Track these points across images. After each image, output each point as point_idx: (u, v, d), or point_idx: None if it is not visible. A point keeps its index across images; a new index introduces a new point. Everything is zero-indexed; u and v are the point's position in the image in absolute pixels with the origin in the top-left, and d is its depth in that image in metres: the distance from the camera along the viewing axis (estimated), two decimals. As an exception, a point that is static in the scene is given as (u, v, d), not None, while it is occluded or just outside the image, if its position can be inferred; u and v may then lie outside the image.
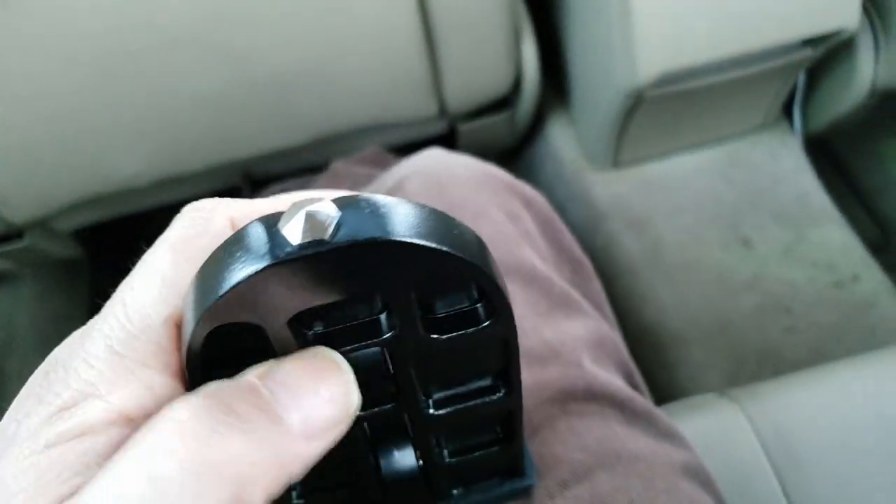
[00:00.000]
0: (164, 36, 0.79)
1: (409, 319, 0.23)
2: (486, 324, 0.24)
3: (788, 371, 0.69)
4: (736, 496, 0.58)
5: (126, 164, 0.90)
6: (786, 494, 0.58)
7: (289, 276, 0.20)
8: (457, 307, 0.24)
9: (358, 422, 0.28)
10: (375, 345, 0.24)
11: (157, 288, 0.22)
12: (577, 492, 0.39)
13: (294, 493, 0.32)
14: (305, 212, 0.19)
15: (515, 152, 1.30)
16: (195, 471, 0.18)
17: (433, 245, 0.20)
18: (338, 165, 0.90)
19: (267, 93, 0.88)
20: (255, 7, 0.80)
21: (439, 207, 0.23)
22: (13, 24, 0.74)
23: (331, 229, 0.19)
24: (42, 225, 0.99)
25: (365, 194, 0.21)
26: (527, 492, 0.38)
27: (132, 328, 0.21)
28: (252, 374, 0.21)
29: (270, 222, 0.20)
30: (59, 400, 0.20)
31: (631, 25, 0.86)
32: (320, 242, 0.19)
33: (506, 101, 1.12)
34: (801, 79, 1.13)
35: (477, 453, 0.33)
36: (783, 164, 1.16)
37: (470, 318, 0.24)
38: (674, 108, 1.05)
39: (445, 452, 0.33)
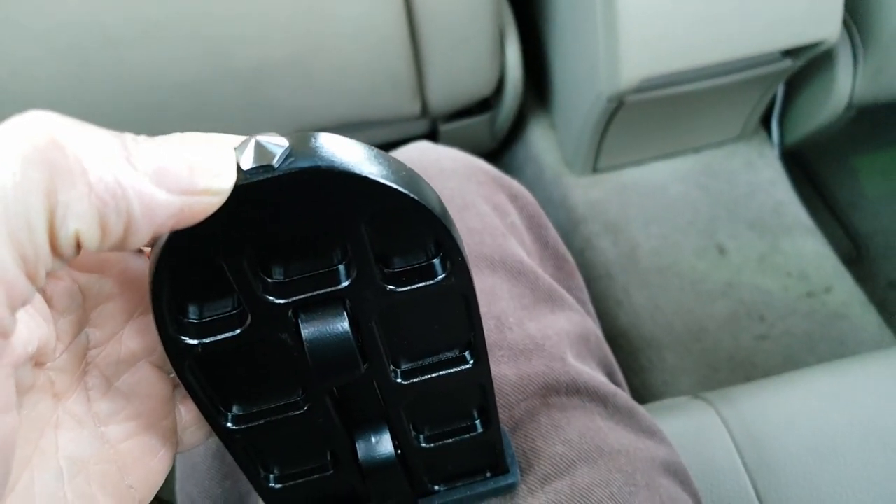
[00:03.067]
0: (144, 24, 0.78)
1: (365, 264, 0.23)
2: (442, 277, 0.25)
3: (760, 378, 0.70)
4: (709, 495, 0.58)
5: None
6: (758, 495, 0.58)
7: (238, 202, 0.20)
8: (414, 264, 0.25)
9: (327, 396, 0.28)
10: (334, 295, 0.24)
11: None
12: (558, 485, 0.39)
13: (271, 477, 0.32)
14: (255, 140, 0.20)
15: (496, 155, 1.30)
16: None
17: (377, 178, 0.21)
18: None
19: (248, 85, 0.87)
20: (240, -3, 0.80)
21: None
22: (-7, 5, 0.73)
23: (278, 157, 0.20)
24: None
25: (322, 133, 0.21)
26: (510, 489, 0.38)
27: None
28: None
29: None
30: None
31: (616, 30, 0.86)
32: (268, 168, 0.20)
33: (488, 104, 1.12)
34: (780, 91, 1.15)
35: (454, 439, 0.33)
36: (760, 174, 1.17)
37: (426, 272, 0.25)
38: (654, 115, 1.06)
39: (422, 437, 0.33)
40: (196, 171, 0.19)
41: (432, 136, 1.12)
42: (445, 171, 0.54)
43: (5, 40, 0.76)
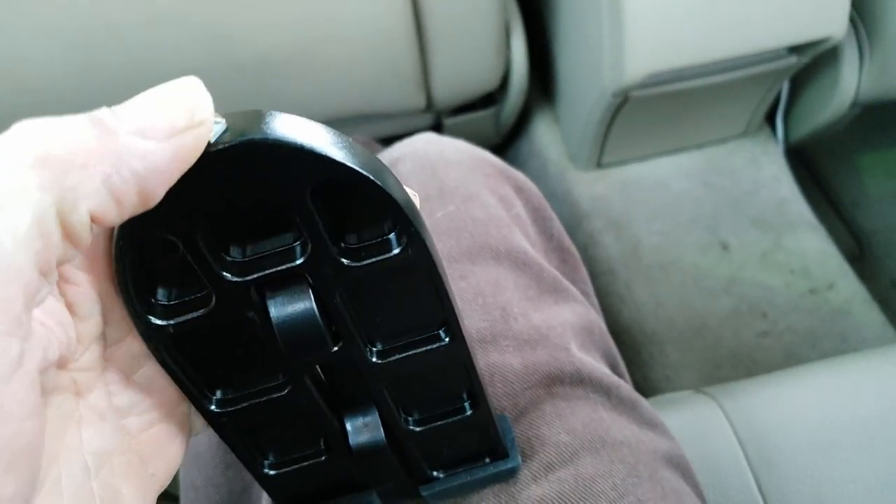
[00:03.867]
0: (148, 12, 0.78)
1: (318, 239, 0.24)
2: (398, 250, 0.25)
3: (762, 374, 0.70)
4: (711, 489, 0.58)
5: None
6: (760, 489, 0.58)
7: (181, 180, 0.20)
8: (371, 239, 0.25)
9: (307, 377, 0.29)
10: (294, 271, 0.25)
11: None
12: (562, 475, 0.39)
13: (266, 464, 0.32)
14: None
15: (500, 149, 1.30)
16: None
17: (313, 148, 0.21)
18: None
19: (253, 77, 0.87)
20: (246, -12, 0.80)
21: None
22: (-3, -6, 0.73)
23: (214, 134, 0.20)
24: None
25: (266, 110, 0.22)
26: (511, 473, 0.38)
27: None
28: None
29: None
30: None
31: (621, 25, 0.86)
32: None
33: (492, 98, 1.12)
34: (785, 88, 1.15)
35: (443, 421, 0.33)
36: (763, 170, 1.17)
37: (383, 247, 0.25)
38: (658, 110, 1.06)
39: (411, 420, 0.33)
40: (172, 113, 0.20)
41: (437, 129, 1.12)
42: (451, 162, 0.54)
43: (10, 33, 0.76)
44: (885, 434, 0.60)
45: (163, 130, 0.20)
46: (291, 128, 0.21)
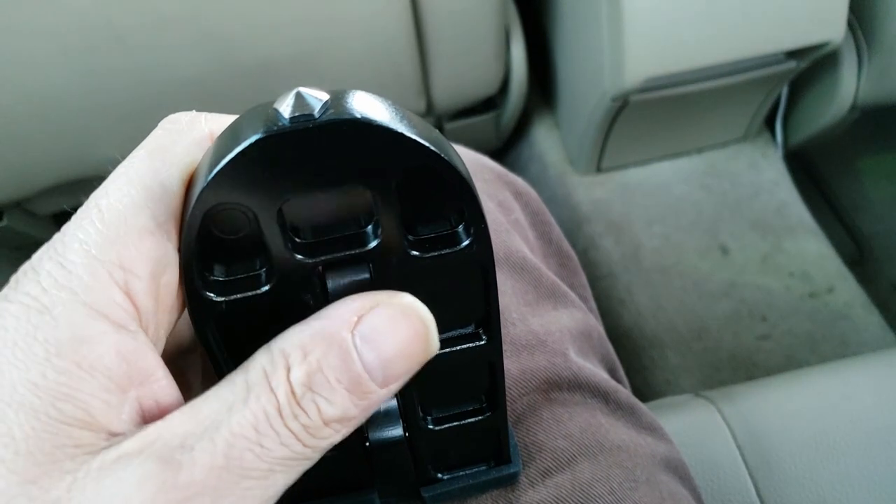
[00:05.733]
0: (151, 17, 0.79)
1: (393, 227, 0.24)
2: (466, 244, 0.25)
3: (761, 378, 0.70)
4: (710, 493, 0.59)
5: (107, 147, 0.89)
6: (758, 493, 0.58)
7: (278, 150, 0.21)
8: (439, 231, 0.26)
9: None
10: (360, 257, 0.25)
11: (135, 193, 0.21)
12: (559, 479, 0.39)
13: None
14: (297, 91, 0.21)
15: (500, 154, 1.31)
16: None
17: (412, 135, 0.21)
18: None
19: (255, 81, 0.88)
20: (248, -7, 0.80)
21: None
22: (-1, 0, 0.74)
23: (318, 108, 0.20)
24: (21, 207, 0.98)
25: (361, 91, 0.22)
26: (512, 478, 0.38)
27: (109, 233, 0.21)
28: (343, 316, 0.22)
29: (267, 105, 0.21)
30: (27, 299, 0.20)
31: (621, 29, 0.86)
32: (308, 118, 0.20)
33: (492, 102, 1.13)
34: (784, 92, 1.15)
35: (461, 422, 0.33)
36: (763, 174, 1.17)
37: (450, 240, 0.25)
38: (658, 115, 1.06)
39: (430, 419, 0.33)
40: (415, 354, 0.23)
41: (437, 134, 1.12)
42: None
43: (14, 36, 0.76)
44: (883, 438, 0.60)
45: (400, 375, 0.23)
46: (391, 111, 0.22)
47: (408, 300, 0.22)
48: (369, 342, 0.21)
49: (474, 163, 0.57)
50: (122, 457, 0.20)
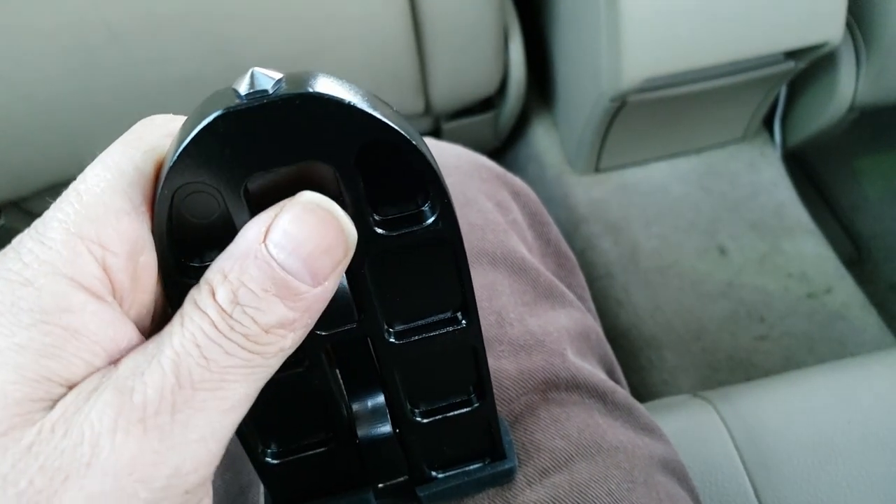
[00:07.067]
0: (149, 18, 0.78)
1: (358, 205, 0.25)
2: (431, 221, 0.26)
3: (760, 378, 0.70)
4: (708, 493, 0.59)
5: (105, 147, 0.88)
6: (756, 494, 0.58)
7: (236, 125, 0.22)
8: (404, 211, 0.26)
9: (323, 354, 0.29)
10: None
11: (111, 177, 0.23)
12: (556, 479, 0.39)
13: (268, 453, 0.32)
14: (252, 70, 0.22)
15: (498, 154, 1.31)
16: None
17: (367, 109, 0.22)
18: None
19: (252, 80, 0.87)
20: (246, -7, 0.80)
21: None
22: (-3, -1, 0.73)
23: (272, 85, 0.21)
24: (18, 206, 0.98)
25: (318, 70, 0.23)
26: (508, 475, 0.38)
27: (87, 213, 0.22)
28: (253, 232, 0.22)
29: (228, 87, 0.22)
30: (10, 274, 0.21)
31: (619, 30, 0.86)
32: (263, 94, 0.21)
33: (491, 102, 1.13)
34: (783, 92, 1.15)
35: (450, 413, 0.33)
36: (761, 175, 1.17)
37: (415, 218, 0.26)
38: (656, 115, 1.06)
39: (418, 412, 0.33)
40: (338, 248, 0.23)
41: (435, 134, 1.12)
42: (448, 167, 0.54)
43: (11, 37, 0.76)
44: (881, 438, 0.60)
45: (331, 271, 0.23)
46: (346, 88, 0.22)
47: (307, 196, 0.23)
48: (282, 247, 0.22)
49: (472, 162, 0.57)
50: (80, 394, 0.21)
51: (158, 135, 0.24)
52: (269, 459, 0.32)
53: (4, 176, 0.89)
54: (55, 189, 0.93)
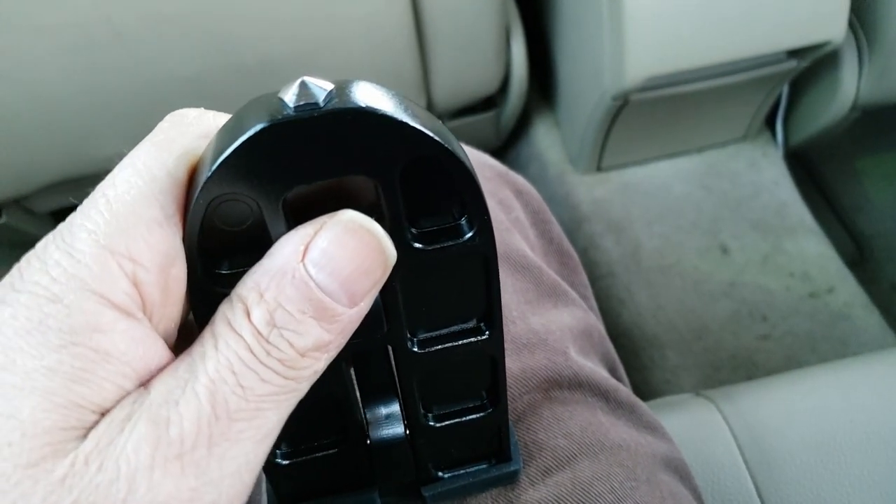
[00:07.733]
0: (151, 15, 0.78)
1: (397, 219, 0.24)
2: (469, 236, 0.25)
3: (762, 377, 0.70)
4: (710, 492, 0.58)
5: (107, 145, 0.89)
6: (758, 492, 0.58)
7: (283, 139, 0.21)
8: (442, 224, 0.25)
9: (345, 356, 0.29)
10: None
11: (143, 184, 0.21)
12: (559, 478, 0.39)
13: (278, 453, 0.32)
14: (302, 80, 0.20)
15: (500, 153, 1.30)
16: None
17: (417, 126, 0.21)
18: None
19: (255, 80, 0.88)
20: (248, -9, 0.80)
21: None
22: (-1, -2, 0.73)
23: (323, 97, 0.20)
24: (20, 204, 0.98)
25: (365, 81, 0.22)
26: (513, 476, 0.38)
27: (118, 223, 0.21)
28: (290, 248, 0.22)
29: (271, 95, 0.21)
30: (37, 288, 0.20)
31: (622, 28, 0.86)
32: (313, 107, 0.20)
33: (492, 101, 1.13)
34: (785, 91, 1.15)
35: (462, 419, 0.33)
36: (763, 174, 1.17)
37: (453, 232, 0.25)
38: (658, 114, 1.06)
39: (431, 416, 0.33)
40: (376, 271, 0.23)
41: (437, 132, 1.12)
42: None
43: (13, 35, 0.76)
44: (883, 438, 0.60)
45: (367, 292, 0.22)
46: (395, 100, 0.21)
47: (348, 215, 0.22)
48: (322, 266, 0.21)
49: (475, 161, 0.57)
50: (112, 423, 0.20)
51: (192, 136, 0.23)
52: (279, 460, 0.32)
53: (6, 174, 0.89)
54: (56, 187, 0.93)
